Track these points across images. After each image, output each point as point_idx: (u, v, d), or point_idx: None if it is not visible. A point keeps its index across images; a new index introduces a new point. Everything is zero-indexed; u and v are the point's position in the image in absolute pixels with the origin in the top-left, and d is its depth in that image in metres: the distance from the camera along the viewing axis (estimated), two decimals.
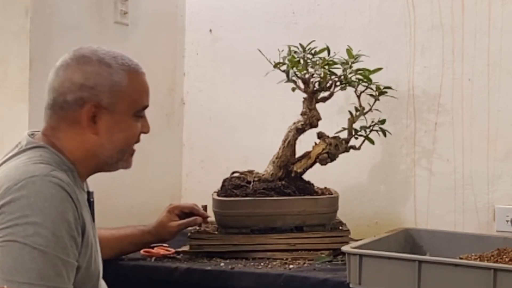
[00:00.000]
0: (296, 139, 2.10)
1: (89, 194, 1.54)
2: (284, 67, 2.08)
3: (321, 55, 2.08)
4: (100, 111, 1.48)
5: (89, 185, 1.62)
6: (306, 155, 2.12)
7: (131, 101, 1.52)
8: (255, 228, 2.02)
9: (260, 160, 2.16)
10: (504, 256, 1.77)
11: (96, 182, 1.63)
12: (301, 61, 2.07)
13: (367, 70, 2.11)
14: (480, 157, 2.26)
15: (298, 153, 2.12)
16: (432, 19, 2.32)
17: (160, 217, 1.98)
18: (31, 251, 1.28)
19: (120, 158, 1.55)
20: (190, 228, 2.06)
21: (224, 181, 2.12)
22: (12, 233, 1.29)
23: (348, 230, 2.04)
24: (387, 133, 2.18)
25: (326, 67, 2.06)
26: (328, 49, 2.11)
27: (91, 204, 1.54)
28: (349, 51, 2.12)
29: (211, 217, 2.07)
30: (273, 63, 2.08)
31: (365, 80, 2.12)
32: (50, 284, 1.29)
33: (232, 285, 1.83)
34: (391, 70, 2.33)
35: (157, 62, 2.58)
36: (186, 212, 2.01)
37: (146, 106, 1.56)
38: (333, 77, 2.09)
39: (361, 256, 1.69)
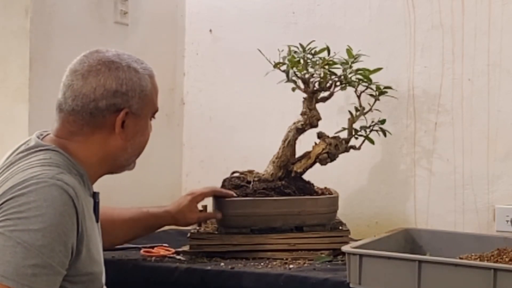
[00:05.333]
0: (296, 139, 2.10)
1: (95, 195, 1.54)
2: (284, 67, 2.08)
3: (321, 55, 2.08)
4: (129, 116, 1.49)
5: (93, 186, 1.62)
6: (306, 155, 2.12)
7: (152, 105, 1.56)
8: (255, 228, 2.02)
9: (260, 160, 2.16)
10: (504, 256, 1.77)
11: (96, 182, 1.63)
12: (301, 61, 2.07)
13: (367, 70, 2.11)
14: (480, 157, 2.26)
15: (298, 153, 2.12)
16: (432, 19, 2.32)
17: (181, 204, 1.96)
18: (15, 245, 1.27)
19: (134, 161, 1.59)
20: (190, 228, 2.06)
21: (224, 181, 2.11)
22: (2, 226, 1.28)
23: (348, 230, 2.04)
24: (387, 133, 2.18)
25: (326, 67, 2.06)
26: (328, 49, 2.10)
27: (96, 204, 1.53)
28: (349, 51, 2.11)
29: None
30: (273, 63, 2.08)
31: (365, 80, 2.12)
32: (24, 282, 1.26)
33: (232, 285, 1.83)
34: (391, 70, 2.33)
35: (157, 62, 2.54)
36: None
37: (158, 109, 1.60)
38: (333, 77, 2.08)
39: (361, 256, 1.69)
